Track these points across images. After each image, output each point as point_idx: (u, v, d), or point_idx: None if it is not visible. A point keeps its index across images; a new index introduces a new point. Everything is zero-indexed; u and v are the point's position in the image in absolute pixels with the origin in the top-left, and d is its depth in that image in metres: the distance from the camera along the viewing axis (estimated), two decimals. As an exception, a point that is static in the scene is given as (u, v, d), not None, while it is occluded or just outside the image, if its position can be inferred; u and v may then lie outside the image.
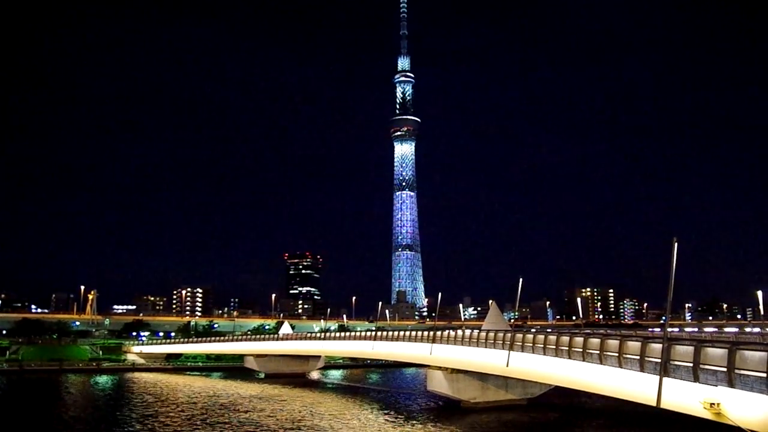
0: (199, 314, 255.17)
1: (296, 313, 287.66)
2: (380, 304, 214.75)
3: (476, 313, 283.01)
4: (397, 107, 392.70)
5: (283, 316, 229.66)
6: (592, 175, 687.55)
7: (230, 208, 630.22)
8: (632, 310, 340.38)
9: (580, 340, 40.90)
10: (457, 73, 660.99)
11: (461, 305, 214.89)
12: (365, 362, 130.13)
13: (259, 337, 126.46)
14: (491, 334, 54.81)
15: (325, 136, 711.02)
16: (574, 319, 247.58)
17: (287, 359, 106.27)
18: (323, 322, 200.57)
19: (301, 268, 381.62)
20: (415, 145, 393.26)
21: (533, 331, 53.34)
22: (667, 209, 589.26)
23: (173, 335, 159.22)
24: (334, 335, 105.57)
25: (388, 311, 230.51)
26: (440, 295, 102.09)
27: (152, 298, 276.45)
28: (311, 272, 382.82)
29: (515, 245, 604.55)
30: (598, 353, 37.85)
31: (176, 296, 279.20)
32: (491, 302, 78.02)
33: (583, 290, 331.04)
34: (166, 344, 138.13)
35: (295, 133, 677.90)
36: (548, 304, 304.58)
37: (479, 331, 58.73)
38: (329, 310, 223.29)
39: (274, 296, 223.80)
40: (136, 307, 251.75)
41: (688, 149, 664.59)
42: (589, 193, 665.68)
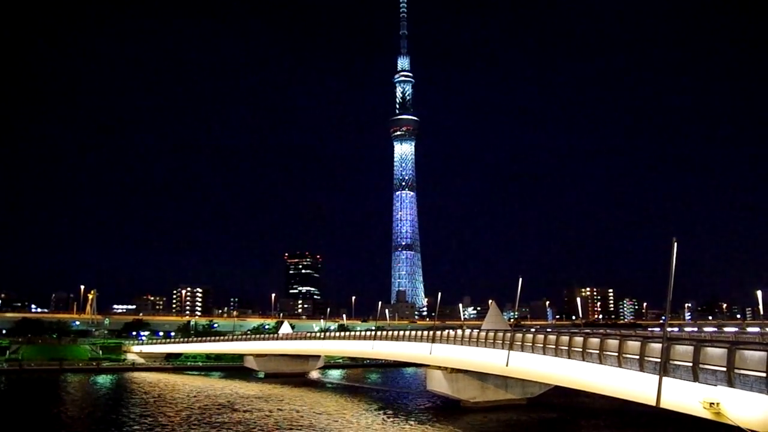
0: (198, 314, 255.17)
1: (296, 312, 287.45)
2: (380, 303, 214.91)
3: (476, 312, 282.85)
4: (396, 107, 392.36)
5: (282, 315, 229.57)
6: (592, 174, 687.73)
7: (230, 207, 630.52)
8: (632, 309, 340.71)
9: (579, 339, 40.91)
10: (456, 72, 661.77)
11: (461, 305, 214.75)
12: (365, 362, 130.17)
13: (258, 336, 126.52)
14: (491, 333, 54.81)
15: (324, 135, 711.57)
16: (573, 318, 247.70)
17: (287, 359, 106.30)
18: (323, 321, 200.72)
19: (300, 267, 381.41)
20: (414, 144, 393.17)
21: (533, 330, 53.28)
22: (667, 209, 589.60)
23: (173, 335, 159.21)
24: (333, 335, 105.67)
25: (387, 311, 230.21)
26: (440, 294, 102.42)
27: (152, 297, 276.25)
28: (311, 272, 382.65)
29: (515, 245, 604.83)
30: (597, 353, 37.83)
31: (176, 296, 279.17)
32: (491, 302, 78.12)
33: (582, 290, 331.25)
34: (165, 344, 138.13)
35: (294, 132, 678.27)
36: (548, 303, 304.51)
37: (479, 330, 58.72)
38: (329, 309, 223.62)
39: (273, 296, 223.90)
40: (135, 306, 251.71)
41: (688, 148, 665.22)
42: (589, 192, 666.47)
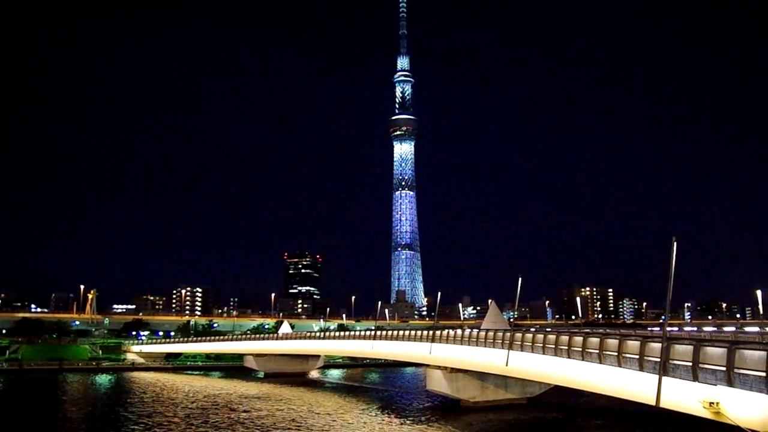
0: (198, 314, 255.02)
1: (296, 312, 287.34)
2: (380, 303, 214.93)
3: (476, 312, 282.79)
4: (396, 106, 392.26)
5: (282, 315, 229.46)
6: (591, 174, 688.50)
7: (230, 207, 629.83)
8: (631, 309, 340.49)
9: (579, 339, 40.84)
10: (456, 72, 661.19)
11: (461, 304, 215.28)
12: (365, 361, 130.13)
13: (258, 336, 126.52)
14: (490, 333, 54.73)
15: (324, 135, 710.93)
16: (573, 318, 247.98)
17: (287, 358, 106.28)
18: (323, 321, 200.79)
19: (300, 267, 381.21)
20: (414, 144, 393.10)
21: (532, 330, 53.25)
22: (667, 209, 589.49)
23: (173, 335, 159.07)
24: (333, 334, 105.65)
25: (387, 311, 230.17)
26: (439, 294, 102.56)
27: (152, 297, 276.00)
28: (311, 271, 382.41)
29: (515, 245, 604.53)
30: (597, 352, 37.75)
31: (176, 296, 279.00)
32: (490, 301, 78.08)
33: (582, 290, 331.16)
34: (165, 344, 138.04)
35: (294, 132, 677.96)
36: (547, 303, 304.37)
37: (478, 330, 58.65)
38: (329, 309, 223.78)
39: (273, 295, 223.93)
40: (135, 306, 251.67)
41: (688, 149, 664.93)
42: (588, 192, 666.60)
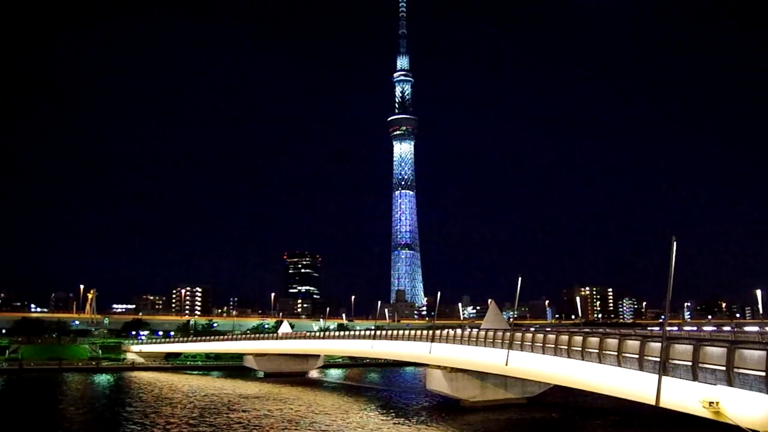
0: (198, 313, 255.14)
1: (295, 312, 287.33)
2: (379, 303, 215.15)
3: (475, 312, 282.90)
4: (396, 106, 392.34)
5: (282, 315, 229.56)
6: (591, 174, 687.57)
7: (229, 207, 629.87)
8: (631, 309, 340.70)
9: (579, 339, 40.82)
10: (456, 71, 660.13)
11: (460, 304, 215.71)
12: (364, 361, 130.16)
13: (258, 336, 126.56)
14: (490, 333, 54.70)
15: (324, 134, 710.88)
16: (573, 318, 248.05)
17: (286, 358, 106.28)
18: (322, 321, 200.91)
19: (300, 267, 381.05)
20: (414, 144, 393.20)
21: (532, 330, 53.26)
22: (666, 208, 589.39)
23: (172, 334, 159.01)
24: (333, 334, 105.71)
25: (387, 310, 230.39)
26: (439, 294, 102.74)
27: (151, 297, 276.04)
28: (310, 271, 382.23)
29: (515, 244, 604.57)
30: (597, 352, 37.72)
31: (175, 295, 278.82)
32: (490, 301, 78.12)
33: (582, 289, 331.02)
34: (165, 343, 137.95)
35: (294, 131, 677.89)
36: (547, 303, 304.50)
37: (478, 330, 58.66)
38: (328, 309, 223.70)
39: (273, 295, 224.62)
40: (135, 306, 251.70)
41: (688, 148, 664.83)
42: (588, 192, 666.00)
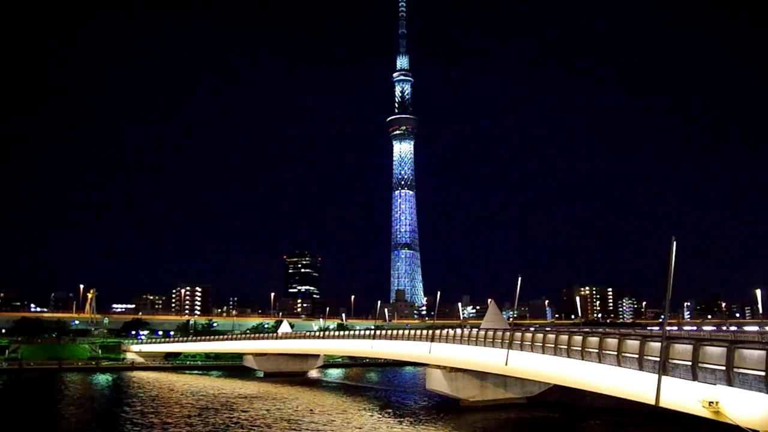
0: (198, 313, 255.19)
1: (295, 311, 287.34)
2: (379, 302, 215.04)
3: (475, 311, 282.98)
4: (395, 106, 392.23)
5: (282, 314, 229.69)
6: (591, 174, 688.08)
7: (229, 206, 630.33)
8: (631, 308, 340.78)
9: (578, 338, 40.83)
10: (456, 71, 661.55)
11: (460, 304, 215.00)
12: (364, 361, 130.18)
13: (258, 336, 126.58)
14: (490, 332, 54.69)
15: (323, 134, 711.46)
16: (572, 317, 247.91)
17: (286, 358, 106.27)
18: (322, 320, 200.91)
19: (300, 266, 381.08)
20: (413, 143, 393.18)
21: (532, 329, 53.25)
22: (666, 208, 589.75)
23: (172, 334, 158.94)
24: (333, 334, 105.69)
25: (387, 310, 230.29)
26: (439, 293, 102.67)
27: (151, 296, 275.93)
28: (310, 271, 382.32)
29: (514, 244, 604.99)
30: (597, 352, 37.72)
31: (175, 295, 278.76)
32: (490, 301, 78.06)
33: (581, 289, 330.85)
34: (165, 343, 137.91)
35: (293, 131, 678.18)
36: (547, 302, 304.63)
37: (478, 329, 58.63)
38: (328, 309, 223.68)
39: (273, 295, 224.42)
40: (135, 306, 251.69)
41: (687, 148, 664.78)
42: (588, 191, 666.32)
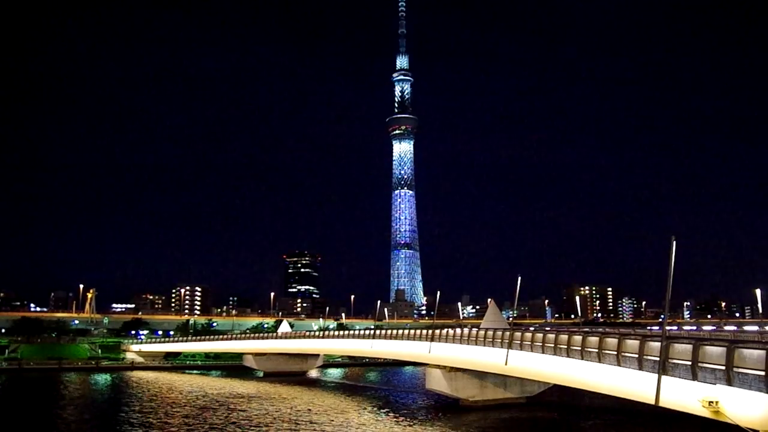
0: (197, 313, 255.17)
1: (295, 311, 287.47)
2: (379, 302, 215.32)
3: (475, 311, 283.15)
4: (395, 106, 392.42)
5: (281, 314, 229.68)
6: (591, 173, 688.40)
7: (229, 206, 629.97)
8: (631, 308, 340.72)
9: (578, 338, 40.83)
10: (455, 71, 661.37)
11: (460, 304, 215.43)
12: (364, 361, 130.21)
13: (257, 335, 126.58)
14: (490, 332, 54.70)
15: (323, 134, 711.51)
16: (572, 317, 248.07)
17: (286, 358, 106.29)
18: (322, 320, 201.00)
19: (299, 266, 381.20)
20: (413, 143, 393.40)
21: (532, 329, 53.24)
22: (666, 208, 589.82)
23: (172, 334, 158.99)
24: (332, 334, 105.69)
25: (387, 310, 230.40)
26: (438, 293, 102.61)
27: (151, 296, 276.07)
28: (310, 271, 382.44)
29: (514, 244, 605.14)
30: (596, 351, 37.73)
31: (175, 295, 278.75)
32: (490, 300, 78.10)
33: (581, 289, 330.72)
34: (164, 343, 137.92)
35: (293, 131, 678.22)
36: (547, 302, 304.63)
37: (478, 329, 58.63)
38: (328, 308, 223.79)
39: (272, 295, 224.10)
40: (134, 305, 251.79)
41: (688, 148, 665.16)
42: (588, 191, 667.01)
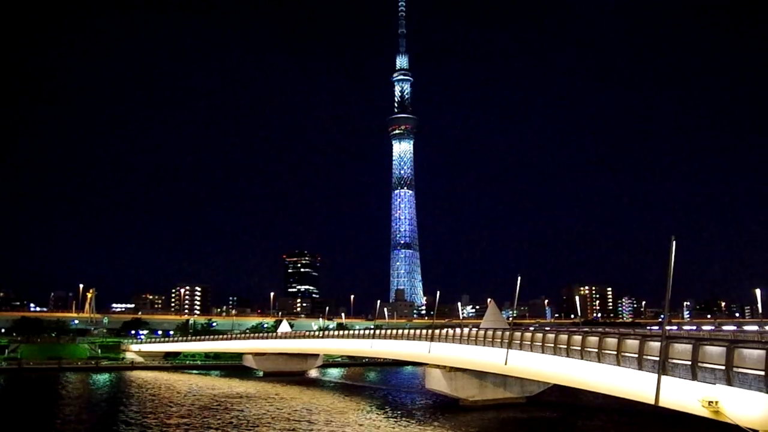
0: (197, 313, 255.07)
1: (295, 311, 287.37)
2: (379, 302, 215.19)
3: (475, 311, 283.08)
4: (395, 105, 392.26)
5: (281, 314, 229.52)
6: (591, 173, 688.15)
7: (229, 206, 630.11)
8: (630, 308, 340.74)
9: (578, 338, 40.82)
10: (455, 71, 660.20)
11: (460, 303, 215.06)
12: (364, 360, 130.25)
13: (257, 335, 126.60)
14: (489, 332, 54.68)
15: (323, 133, 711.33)
16: (572, 317, 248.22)
17: (286, 357, 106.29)
18: (322, 320, 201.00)
19: (299, 266, 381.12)
20: (413, 143, 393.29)
21: (531, 329, 53.23)
22: (666, 208, 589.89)
23: (172, 334, 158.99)
24: (332, 334, 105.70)
25: (386, 310, 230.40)
26: (438, 293, 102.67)
27: (151, 296, 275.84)
28: (310, 270, 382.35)
29: (514, 243, 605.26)
30: (596, 351, 37.72)
31: (175, 295, 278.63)
32: (489, 300, 78.03)
33: (581, 288, 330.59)
34: (164, 343, 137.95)
35: (293, 131, 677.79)
36: (547, 302, 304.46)
37: (477, 329, 58.61)
38: (328, 308, 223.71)
39: (272, 294, 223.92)
40: (134, 305, 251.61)
41: (688, 148, 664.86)
42: (588, 191, 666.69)
